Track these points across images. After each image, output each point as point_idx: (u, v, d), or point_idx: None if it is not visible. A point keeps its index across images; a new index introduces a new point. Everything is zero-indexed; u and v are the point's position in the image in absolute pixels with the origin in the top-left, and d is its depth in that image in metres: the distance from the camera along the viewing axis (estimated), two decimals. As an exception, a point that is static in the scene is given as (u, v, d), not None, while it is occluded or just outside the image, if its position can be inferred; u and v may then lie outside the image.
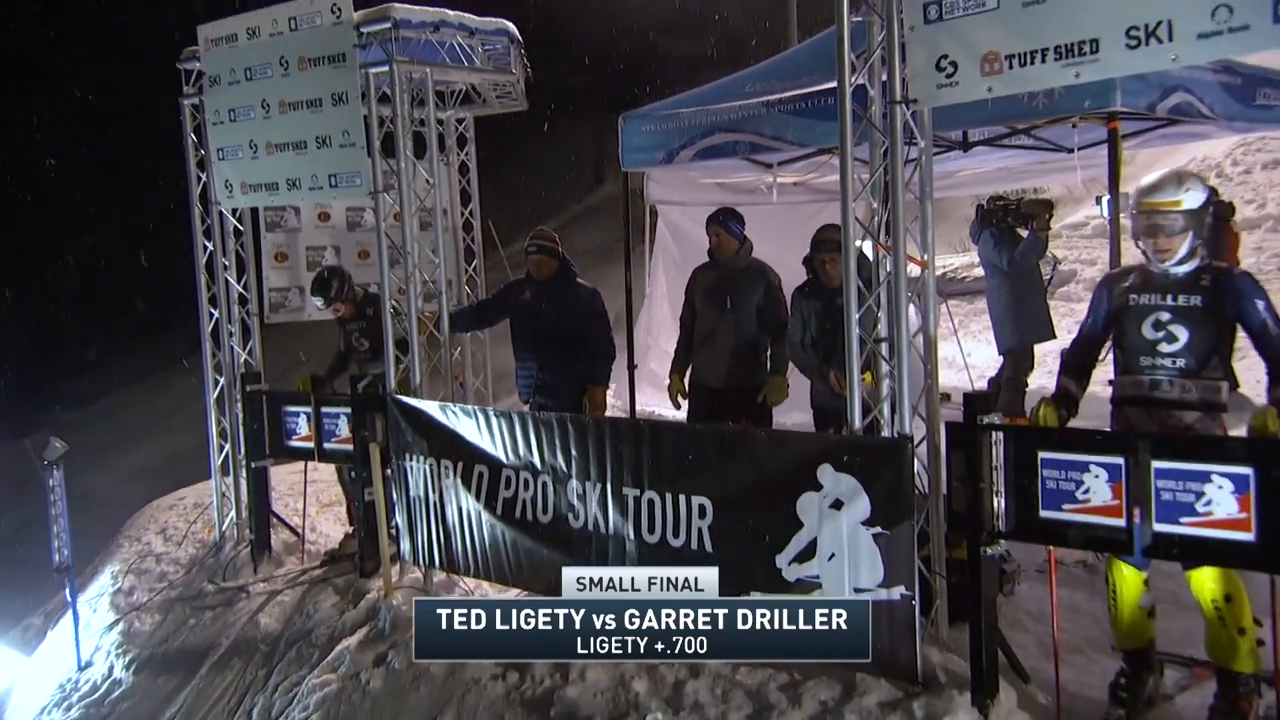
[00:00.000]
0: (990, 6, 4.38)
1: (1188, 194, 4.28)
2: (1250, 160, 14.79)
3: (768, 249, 7.48)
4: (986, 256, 9.20)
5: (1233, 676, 4.30)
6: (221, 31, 7.46)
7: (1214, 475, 3.90)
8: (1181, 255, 4.31)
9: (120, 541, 9.54)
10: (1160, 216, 4.28)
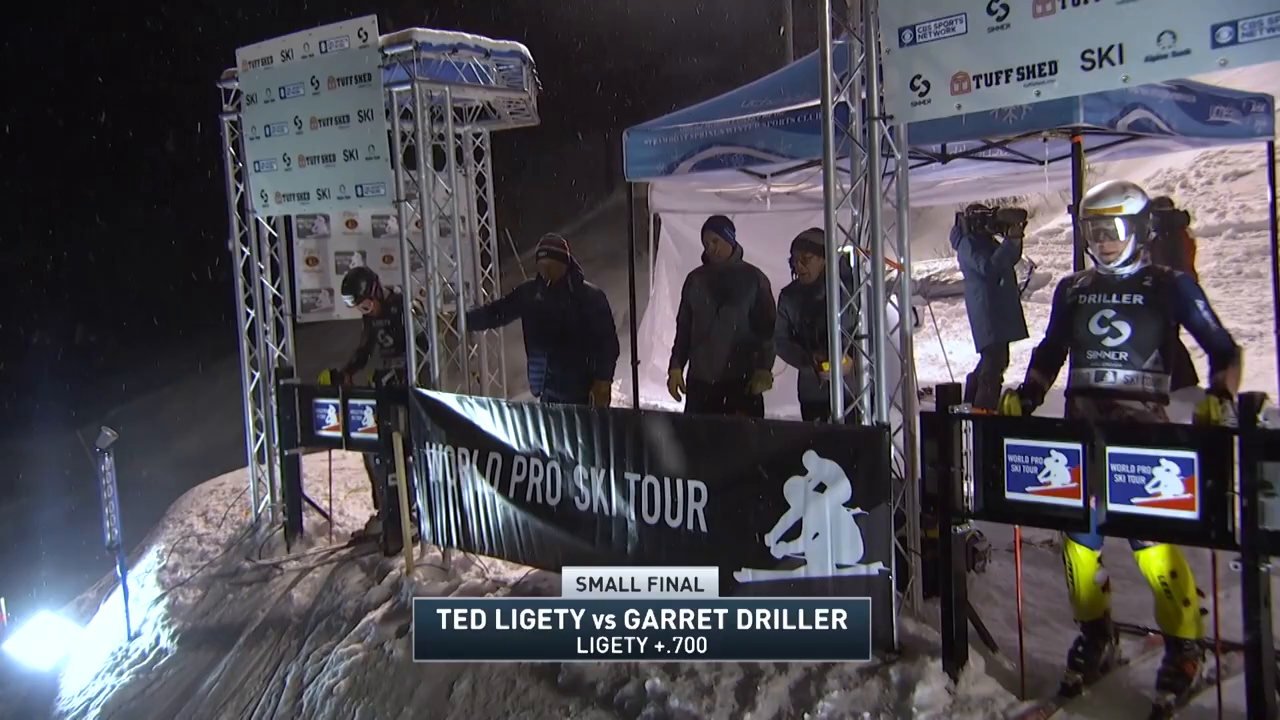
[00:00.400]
0: (959, 31, 4.42)
1: (1129, 200, 4.34)
2: (1212, 172, 14.77)
3: (762, 254, 7.48)
4: (965, 261, 9.17)
5: (1178, 643, 4.36)
6: (258, 54, 7.52)
7: (1162, 459, 3.97)
8: (1126, 256, 4.36)
9: (165, 523, 9.61)
10: (1105, 221, 4.34)
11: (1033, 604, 5.28)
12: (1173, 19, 3.81)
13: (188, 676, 7.22)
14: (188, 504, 9.91)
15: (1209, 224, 13.75)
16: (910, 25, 4.58)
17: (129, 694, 7.44)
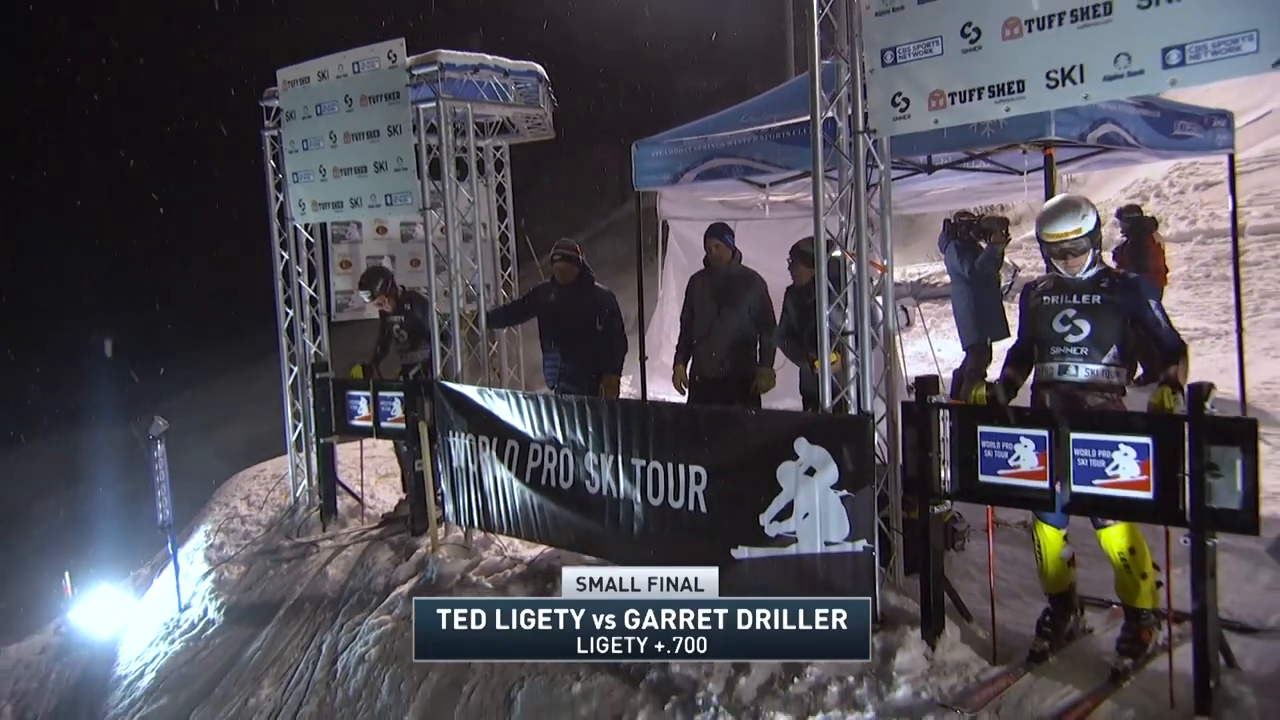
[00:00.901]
0: (936, 53, 4.47)
1: (1084, 220, 4.33)
2: (1185, 182, 14.80)
3: (762, 258, 7.46)
4: (952, 264, 9.17)
5: (1136, 613, 4.41)
6: (297, 75, 7.59)
7: (1120, 444, 4.04)
8: (1088, 265, 4.39)
9: (212, 506, 9.67)
10: (1068, 243, 4.35)
11: (1006, 579, 5.32)
12: (1127, 42, 3.87)
13: (233, 645, 7.26)
14: (232, 488, 9.96)
15: (1180, 230, 13.74)
16: (891, 47, 4.62)
17: (180, 660, 7.48)
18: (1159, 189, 15.03)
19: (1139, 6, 3.80)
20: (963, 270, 8.92)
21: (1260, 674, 4.05)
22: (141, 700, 7.32)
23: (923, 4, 4.47)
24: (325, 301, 8.71)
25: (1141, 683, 4.29)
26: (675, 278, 10.23)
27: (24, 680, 8.73)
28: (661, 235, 10.05)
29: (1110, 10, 3.88)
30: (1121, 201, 13.43)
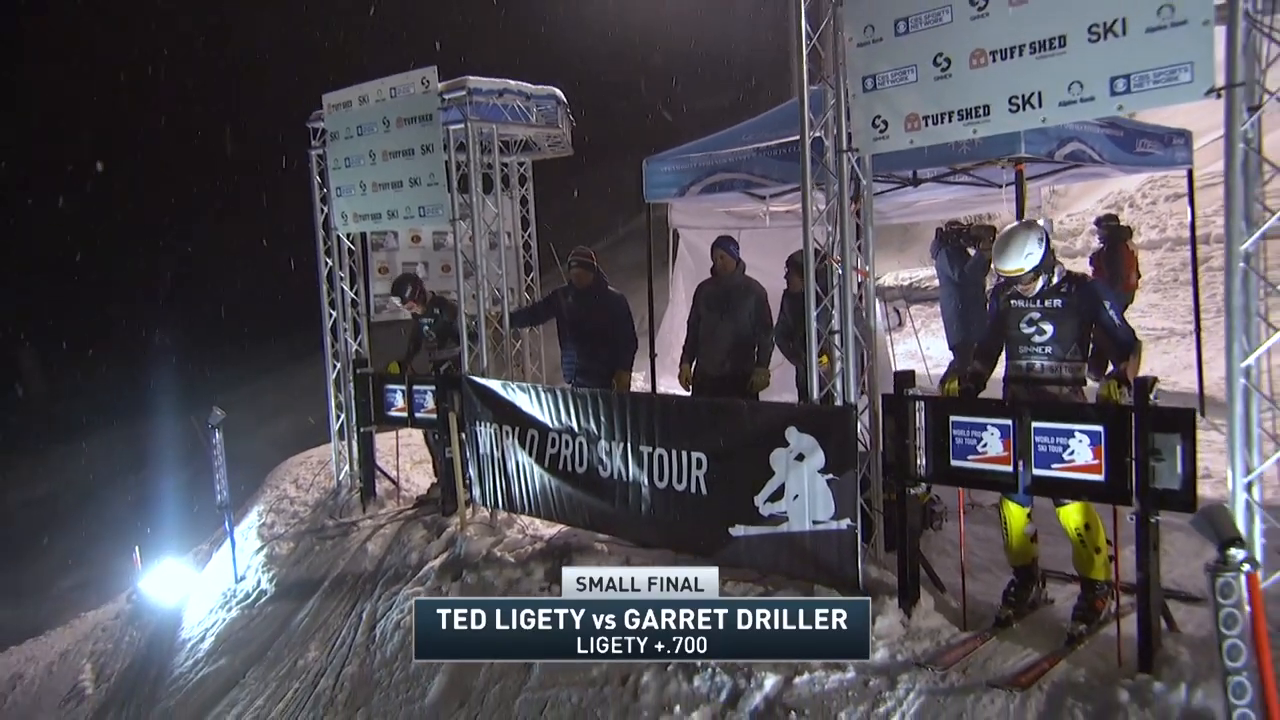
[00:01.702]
0: (911, 80, 4.52)
1: (1028, 258, 4.35)
2: (1156, 194, 14.70)
3: (764, 263, 7.50)
4: (942, 269, 9.14)
5: (1091, 583, 4.49)
6: (340, 99, 7.68)
7: (1076, 432, 4.11)
8: (1039, 288, 4.43)
9: (264, 489, 9.77)
10: (1019, 278, 4.41)
11: (978, 554, 5.36)
12: (1080, 72, 3.93)
13: (283, 612, 7.33)
14: (282, 473, 10.01)
15: (1151, 239, 13.66)
16: (872, 74, 4.67)
17: (236, 626, 7.56)
18: (1133, 199, 14.94)
19: (1089, 41, 3.87)
20: (952, 275, 8.88)
21: (1198, 637, 4.09)
22: (203, 661, 7.39)
23: (899, 36, 4.52)
24: (365, 304, 8.74)
25: (1094, 646, 4.36)
26: (684, 281, 10.22)
27: (101, 642, 8.85)
28: (672, 243, 10.02)
29: (1064, 44, 3.95)
30: (1099, 211, 13.41)
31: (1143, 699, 3.79)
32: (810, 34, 4.92)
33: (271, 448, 14.47)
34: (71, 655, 8.93)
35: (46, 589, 15.19)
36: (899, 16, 4.51)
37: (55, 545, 17.24)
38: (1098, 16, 3.84)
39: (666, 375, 9.29)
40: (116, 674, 8.26)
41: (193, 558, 9.51)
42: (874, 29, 4.62)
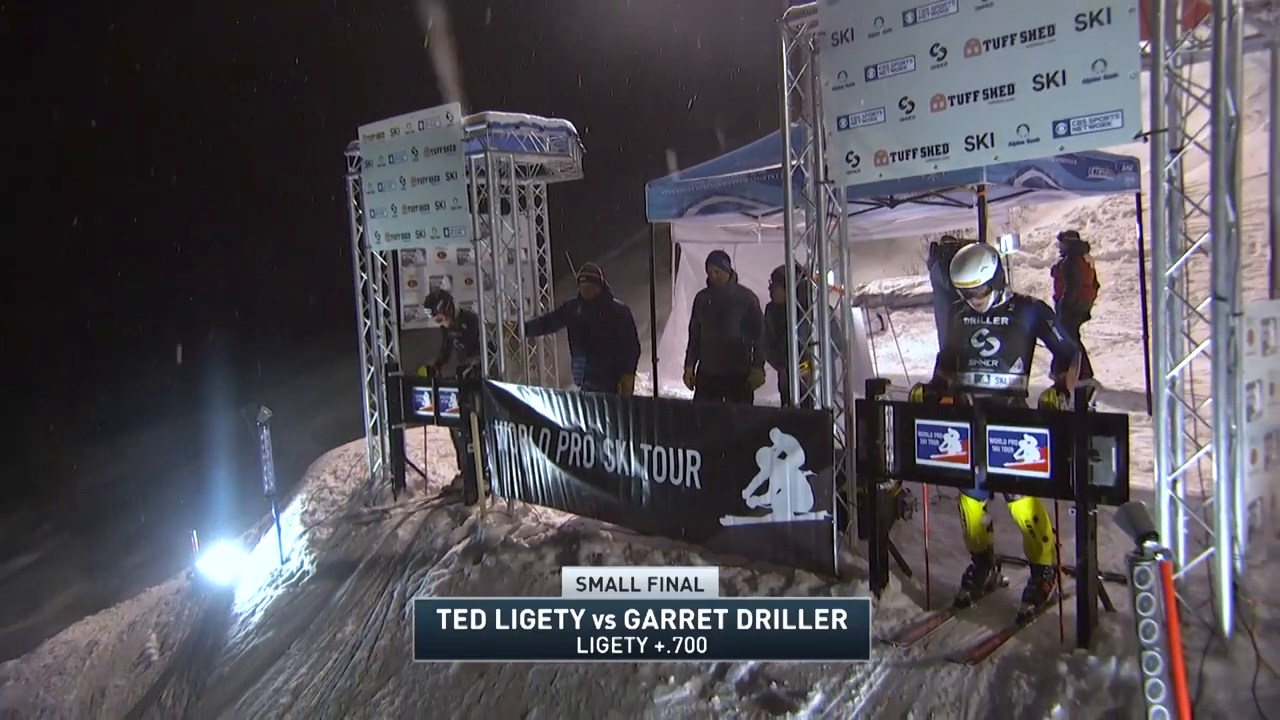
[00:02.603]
0: (880, 120, 4.61)
1: (983, 271, 4.41)
2: (1115, 209, 14.67)
3: (757, 273, 7.48)
4: (936, 280, 8.75)
5: (1039, 568, 4.58)
6: (374, 131, 7.76)
7: (1025, 435, 4.19)
8: (991, 303, 4.49)
9: (306, 479, 9.76)
10: (972, 289, 4.46)
11: (944, 541, 5.41)
12: (1026, 116, 4.04)
13: (323, 591, 7.33)
14: (322, 465, 9.99)
15: (1111, 251, 13.65)
16: (845, 115, 4.77)
17: (282, 602, 7.55)
18: (1094, 215, 14.92)
19: (1034, 89, 3.97)
20: (945, 284, 8.80)
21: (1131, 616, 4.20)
22: (253, 633, 7.42)
23: (869, 82, 4.61)
24: (396, 313, 8.75)
25: (1041, 624, 4.44)
26: (686, 290, 10.23)
27: (164, 614, 8.86)
28: (675, 255, 10.06)
29: (1013, 91, 4.05)
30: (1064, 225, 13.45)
31: (1079, 671, 3.90)
32: (791, 78, 5.05)
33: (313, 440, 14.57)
34: (139, 626, 8.93)
35: (115, 564, 15.22)
36: (869, 64, 4.60)
37: (122, 526, 17.37)
38: (1041, 68, 3.95)
39: (669, 377, 9.39)
40: (178, 643, 8.28)
41: (243, 540, 9.49)
42: (847, 75, 4.71)
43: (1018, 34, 3.99)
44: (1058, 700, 3.80)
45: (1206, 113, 3.65)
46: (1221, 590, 3.77)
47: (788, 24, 4.98)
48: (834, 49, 4.73)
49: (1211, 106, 3.55)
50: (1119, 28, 3.69)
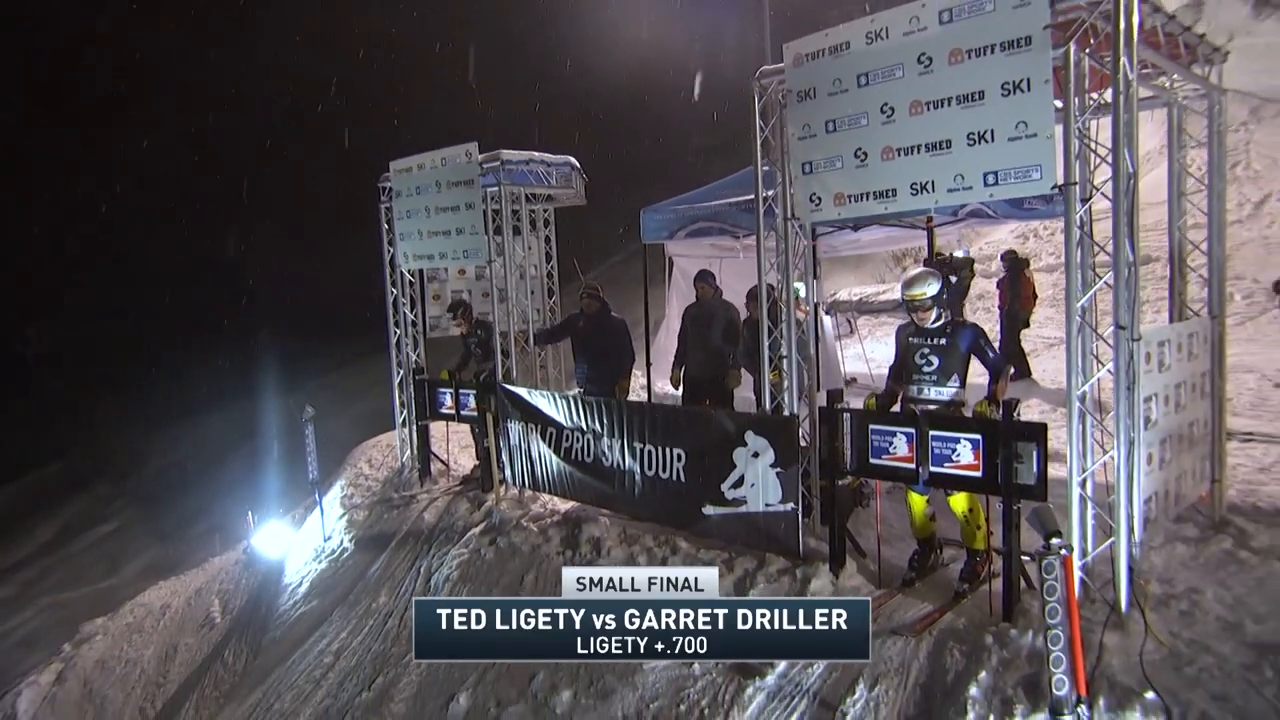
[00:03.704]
0: (838, 167, 4.71)
1: (929, 287, 4.51)
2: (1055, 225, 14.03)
3: (740, 285, 7.47)
4: None
5: (973, 552, 4.69)
6: (404, 165, 7.84)
7: (961, 439, 4.31)
8: (933, 319, 4.57)
9: (345, 466, 9.75)
10: (919, 303, 4.55)
11: (895, 526, 5.45)
12: (961, 168, 4.14)
13: (360, 565, 7.38)
14: (358, 454, 9.99)
15: (1049, 263, 13.59)
16: (809, 161, 4.87)
17: (325, 575, 7.60)
18: (1036, 231, 14.87)
19: (968, 145, 4.08)
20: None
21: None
22: (300, 601, 7.49)
23: (829, 134, 4.71)
24: (422, 323, 8.80)
25: (974, 600, 4.55)
26: (677, 299, 10.21)
27: (225, 582, 8.90)
28: (668, 268, 10.06)
29: (950, 146, 4.15)
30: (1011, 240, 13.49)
31: (1002, 642, 4.00)
32: (763, 127, 5.14)
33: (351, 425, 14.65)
34: (204, 592, 8.96)
35: (182, 533, 15.34)
36: (828, 118, 4.69)
37: (186, 500, 17.48)
38: (974, 127, 4.05)
39: (661, 377, 9.44)
40: (237, 608, 8.34)
41: (291, 520, 9.51)
42: (810, 127, 4.80)
43: (954, 97, 4.08)
44: (984, 667, 3.90)
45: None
46: (1120, 573, 3.90)
47: (760, 81, 5.08)
48: (799, 105, 4.82)
49: (1113, 164, 3.67)
50: (1037, 95, 3.79)
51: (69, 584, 14.84)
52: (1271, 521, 4.97)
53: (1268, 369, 8.14)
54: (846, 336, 12.69)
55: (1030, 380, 8.95)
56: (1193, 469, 4.76)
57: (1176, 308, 4.91)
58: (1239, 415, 7.22)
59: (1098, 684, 3.56)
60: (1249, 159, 14.48)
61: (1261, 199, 13.30)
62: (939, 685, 3.97)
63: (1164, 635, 3.78)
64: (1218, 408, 4.94)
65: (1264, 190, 13.53)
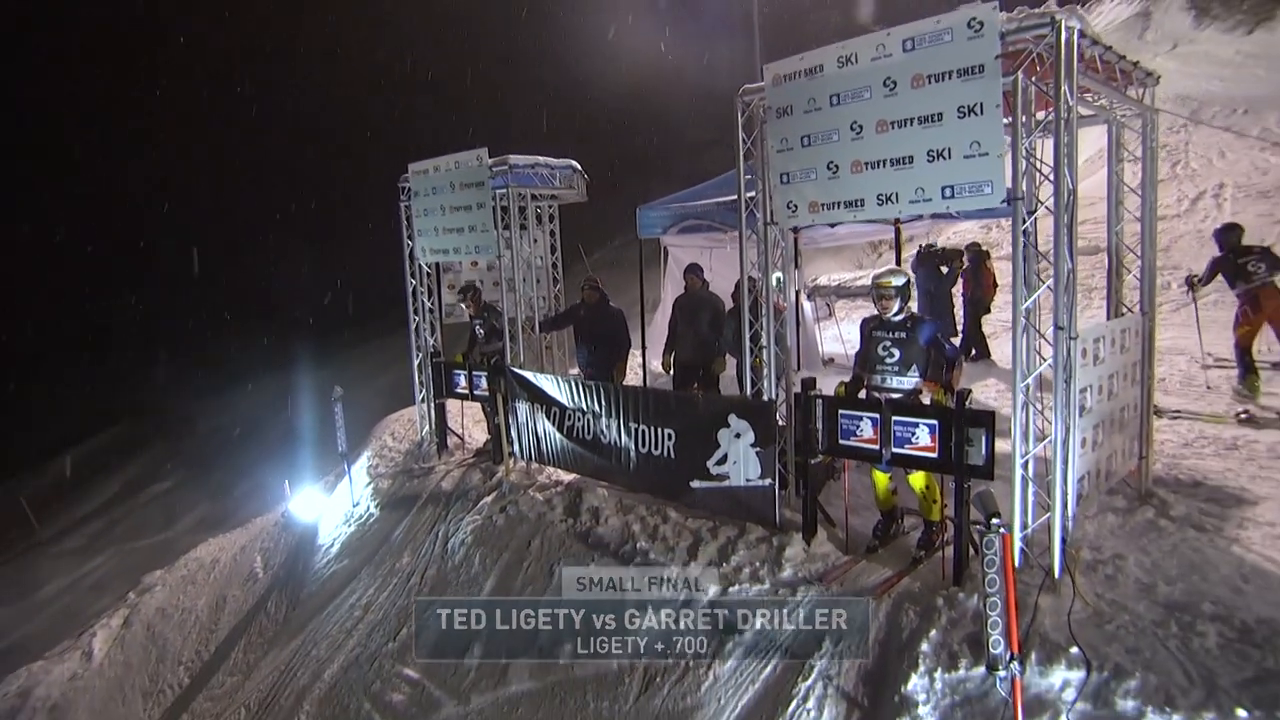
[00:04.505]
0: (812, 178, 4.74)
1: (897, 279, 4.59)
2: (1018, 217, 14.35)
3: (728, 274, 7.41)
4: (920, 283, 8.96)
5: (930, 523, 4.79)
6: (421, 168, 7.82)
7: (920, 424, 4.41)
8: (895, 309, 4.63)
9: (370, 439, 9.70)
10: (885, 290, 4.62)
11: (862, 497, 5.51)
12: (921, 181, 4.19)
13: (385, 528, 7.39)
14: (383, 428, 9.94)
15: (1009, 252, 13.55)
16: (786, 172, 4.90)
17: (354, 538, 7.62)
18: (999, 222, 14.47)
19: (928, 161, 4.12)
20: (930, 287, 8.88)
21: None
22: (332, 560, 7.51)
23: (804, 148, 4.74)
24: (439, 311, 8.81)
25: (929, 566, 4.67)
26: (671, 287, 10.17)
27: (266, 541, 8.91)
28: (663, 257, 10.06)
29: (912, 162, 4.20)
30: (975, 232, 13.46)
31: (951, 603, 4.14)
32: (745, 139, 5.15)
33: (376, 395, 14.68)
34: (249, 549, 8.98)
35: (228, 491, 15.43)
36: (804, 134, 4.72)
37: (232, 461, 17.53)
38: (933, 145, 4.09)
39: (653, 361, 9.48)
40: (277, 565, 8.36)
41: (323, 486, 9.43)
42: (787, 141, 4.83)
43: (915, 118, 4.12)
44: (935, 626, 4.04)
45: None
46: (1054, 544, 4.03)
47: (742, 98, 5.08)
48: (778, 120, 4.84)
49: (1054, 182, 3.72)
50: (989, 118, 3.84)
51: (132, 535, 15.08)
52: (1189, 493, 5.11)
53: (1196, 352, 8.23)
54: (825, 319, 12.73)
55: (989, 361, 9.03)
56: (1123, 448, 4.87)
57: (1113, 305, 4.99)
58: (1170, 394, 7.33)
59: (1031, 640, 3.71)
60: (1187, 158, 14.41)
61: (1197, 195, 13.27)
62: (895, 641, 4.11)
63: (1090, 597, 3.92)
64: (1146, 393, 5.03)
65: (1199, 188, 13.50)
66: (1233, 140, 14.23)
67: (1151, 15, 19.72)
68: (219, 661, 7.29)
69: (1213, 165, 13.76)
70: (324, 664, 6.00)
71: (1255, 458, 5.61)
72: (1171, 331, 9.13)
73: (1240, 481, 5.22)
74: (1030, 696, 3.46)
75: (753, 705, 4.13)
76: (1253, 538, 4.47)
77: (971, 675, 3.68)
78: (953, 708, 3.64)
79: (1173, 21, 19.28)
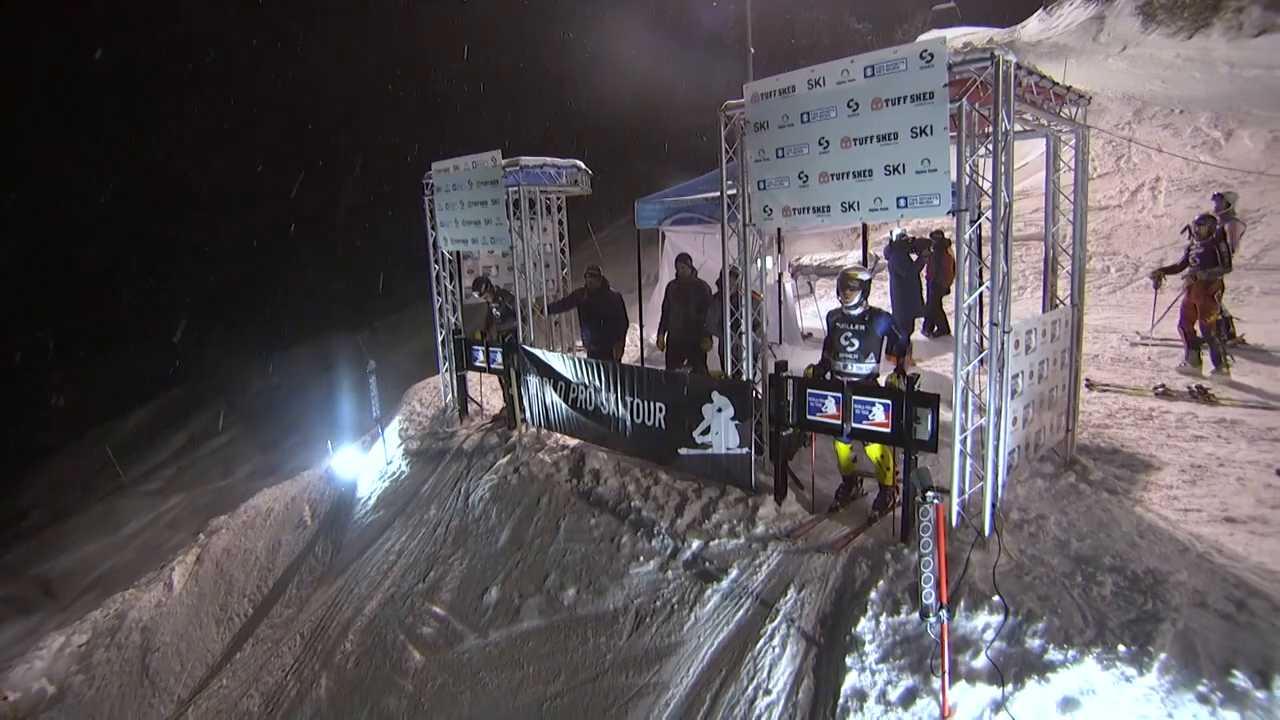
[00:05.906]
0: (785, 186, 4.76)
1: (862, 273, 4.65)
2: (978, 210, 14.12)
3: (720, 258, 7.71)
4: (892, 268, 9.00)
5: (884, 488, 4.91)
6: (442, 167, 7.79)
7: (876, 403, 4.50)
8: (855, 302, 4.69)
9: (401, 404, 9.70)
10: (851, 281, 4.65)
11: (829, 462, 5.58)
12: (879, 192, 4.23)
13: (414, 484, 7.45)
14: (412, 394, 9.93)
15: None
16: (763, 179, 4.92)
17: (387, 492, 7.65)
18: None
19: (885, 174, 4.16)
20: (901, 271, 8.86)
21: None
22: (369, 512, 7.56)
23: (778, 159, 4.76)
24: (459, 293, 8.76)
25: (883, 524, 4.80)
26: (667, 270, 10.10)
27: (313, 493, 9.00)
28: (661, 239, 10.08)
29: (871, 175, 4.23)
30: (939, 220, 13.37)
31: (898, 558, 4.30)
32: (728, 149, 5.16)
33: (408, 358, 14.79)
34: (298, 499, 9.06)
35: (279, 444, 15.63)
36: (778, 146, 4.74)
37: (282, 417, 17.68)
38: (890, 161, 4.13)
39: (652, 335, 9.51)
40: (323, 514, 8.46)
41: (361, 446, 9.40)
42: (764, 152, 4.84)
43: (875, 136, 4.15)
44: (883, 576, 4.21)
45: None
46: (985, 508, 4.19)
47: (725, 112, 5.09)
48: (755, 134, 4.85)
49: (993, 196, 3.78)
50: (937, 138, 3.87)
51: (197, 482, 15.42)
52: (1108, 460, 5.24)
53: (1127, 330, 8.31)
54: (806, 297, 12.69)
55: (948, 337, 9.11)
56: (1051, 422, 4.99)
57: (1049, 298, 5.06)
58: (1101, 369, 7.42)
59: (961, 590, 3.89)
60: (1129, 153, 14.23)
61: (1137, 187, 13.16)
62: (849, 590, 4.29)
63: (1014, 552, 4.09)
64: (1074, 375, 5.13)
65: (1139, 180, 13.37)
66: (1169, 138, 14.05)
67: (1105, 19, 19.26)
68: (276, 595, 7.51)
69: (1151, 160, 13.62)
70: (364, 600, 6.21)
71: (1165, 427, 5.72)
72: (1108, 311, 9.19)
73: (1150, 449, 5.35)
74: (957, 637, 3.65)
75: (727, 642, 4.33)
76: (1152, 499, 4.62)
77: (910, 619, 3.87)
78: (894, 645, 3.84)
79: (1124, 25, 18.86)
